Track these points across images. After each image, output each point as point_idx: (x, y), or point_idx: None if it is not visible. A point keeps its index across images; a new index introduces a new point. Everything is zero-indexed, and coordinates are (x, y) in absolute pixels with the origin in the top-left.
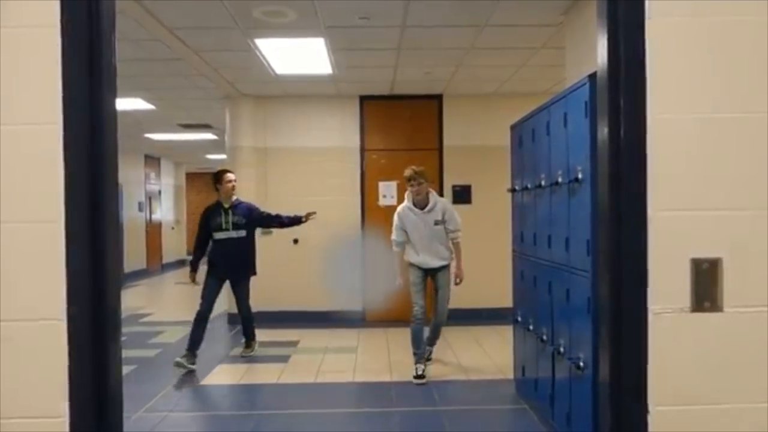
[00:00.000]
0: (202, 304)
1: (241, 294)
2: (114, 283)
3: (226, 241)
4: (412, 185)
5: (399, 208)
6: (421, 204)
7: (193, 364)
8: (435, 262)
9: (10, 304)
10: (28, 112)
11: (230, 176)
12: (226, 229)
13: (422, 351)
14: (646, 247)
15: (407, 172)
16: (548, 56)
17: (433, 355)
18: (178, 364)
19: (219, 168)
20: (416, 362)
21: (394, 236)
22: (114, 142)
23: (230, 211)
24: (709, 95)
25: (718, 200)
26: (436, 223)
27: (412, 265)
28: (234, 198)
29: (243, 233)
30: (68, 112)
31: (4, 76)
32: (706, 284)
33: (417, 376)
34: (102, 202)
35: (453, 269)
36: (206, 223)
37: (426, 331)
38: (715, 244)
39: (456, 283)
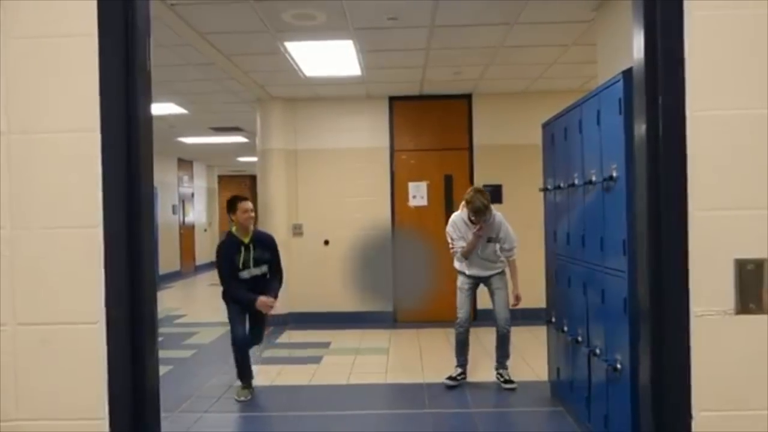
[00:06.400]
0: (235, 332)
1: (261, 324)
2: (151, 286)
3: (248, 281)
4: (477, 220)
5: (453, 217)
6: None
7: (251, 387)
8: (486, 273)
9: (50, 307)
10: (67, 119)
11: (247, 205)
12: (248, 267)
13: (463, 360)
14: (687, 248)
15: (476, 203)
16: (579, 53)
17: (509, 377)
18: (241, 401)
19: (232, 195)
20: (455, 365)
21: (454, 246)
22: (150, 147)
23: (251, 246)
24: (752, 90)
25: (763, 199)
26: (489, 239)
27: (460, 272)
28: (251, 229)
29: (265, 268)
30: (106, 119)
31: (44, 84)
32: (750, 286)
33: (449, 377)
34: (139, 207)
35: (510, 287)
36: (227, 262)
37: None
38: (760, 244)
39: (513, 305)
